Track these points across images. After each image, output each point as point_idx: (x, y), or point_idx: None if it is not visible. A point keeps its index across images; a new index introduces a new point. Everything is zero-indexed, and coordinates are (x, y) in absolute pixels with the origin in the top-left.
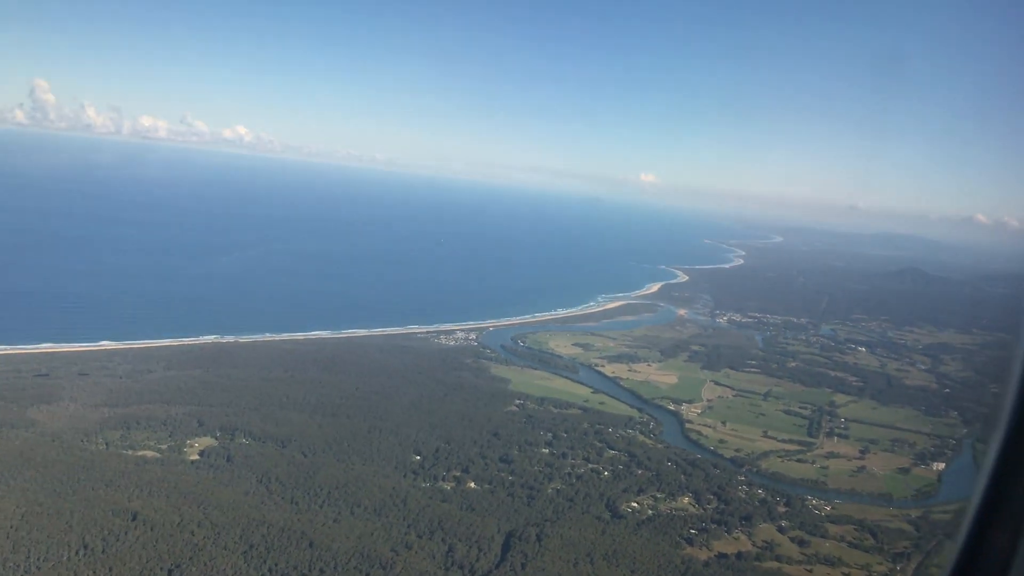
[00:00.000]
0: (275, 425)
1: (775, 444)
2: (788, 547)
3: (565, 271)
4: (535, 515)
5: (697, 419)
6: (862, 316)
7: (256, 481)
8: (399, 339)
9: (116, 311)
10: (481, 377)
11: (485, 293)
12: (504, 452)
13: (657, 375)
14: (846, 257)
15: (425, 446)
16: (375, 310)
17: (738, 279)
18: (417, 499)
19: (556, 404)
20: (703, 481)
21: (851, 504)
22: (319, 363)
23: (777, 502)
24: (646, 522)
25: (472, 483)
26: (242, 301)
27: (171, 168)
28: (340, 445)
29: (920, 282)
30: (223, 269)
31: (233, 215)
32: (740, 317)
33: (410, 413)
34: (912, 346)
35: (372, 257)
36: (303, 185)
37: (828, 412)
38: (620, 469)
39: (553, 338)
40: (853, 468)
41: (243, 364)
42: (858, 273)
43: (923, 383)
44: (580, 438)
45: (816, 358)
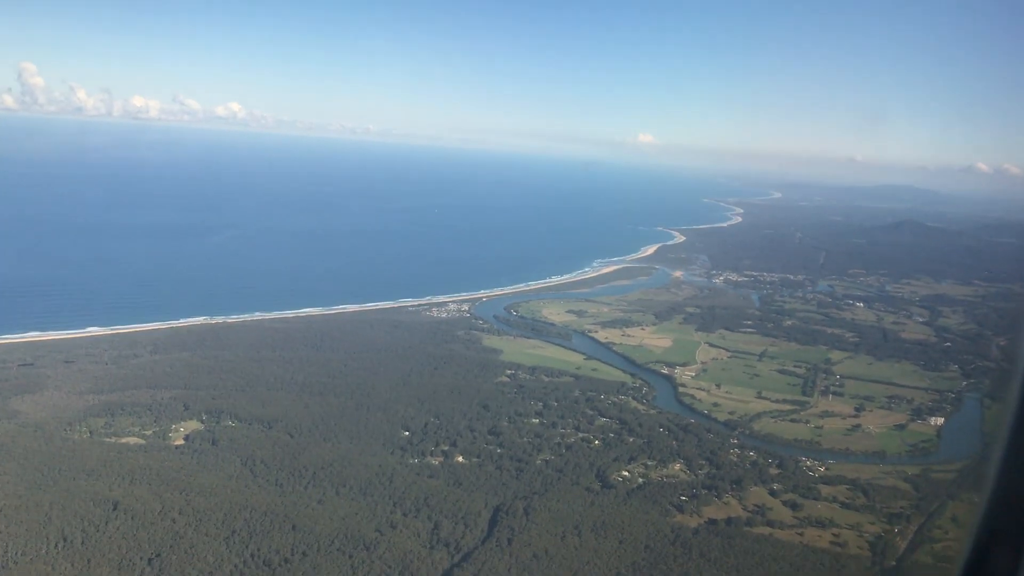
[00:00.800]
0: (261, 406)
1: (769, 405)
2: (780, 510)
3: (560, 237)
4: (523, 488)
5: (691, 382)
6: (860, 271)
7: (240, 464)
8: (391, 314)
9: (103, 296)
10: (472, 348)
11: (479, 263)
12: (493, 424)
13: (651, 339)
14: (844, 211)
15: (414, 421)
16: (367, 285)
17: (736, 238)
18: (404, 476)
19: (548, 373)
20: (695, 446)
21: (845, 464)
22: (308, 341)
23: (769, 464)
24: (636, 491)
25: (460, 457)
26: (232, 281)
27: (162, 148)
28: (327, 424)
29: (918, 234)
30: (213, 249)
31: (224, 194)
32: (737, 277)
33: (399, 389)
34: (910, 299)
35: (365, 231)
36: (296, 160)
37: (823, 370)
38: (611, 437)
39: (547, 306)
40: (848, 427)
41: (231, 345)
42: (856, 227)
43: (921, 337)
44: (571, 406)
45: (813, 315)
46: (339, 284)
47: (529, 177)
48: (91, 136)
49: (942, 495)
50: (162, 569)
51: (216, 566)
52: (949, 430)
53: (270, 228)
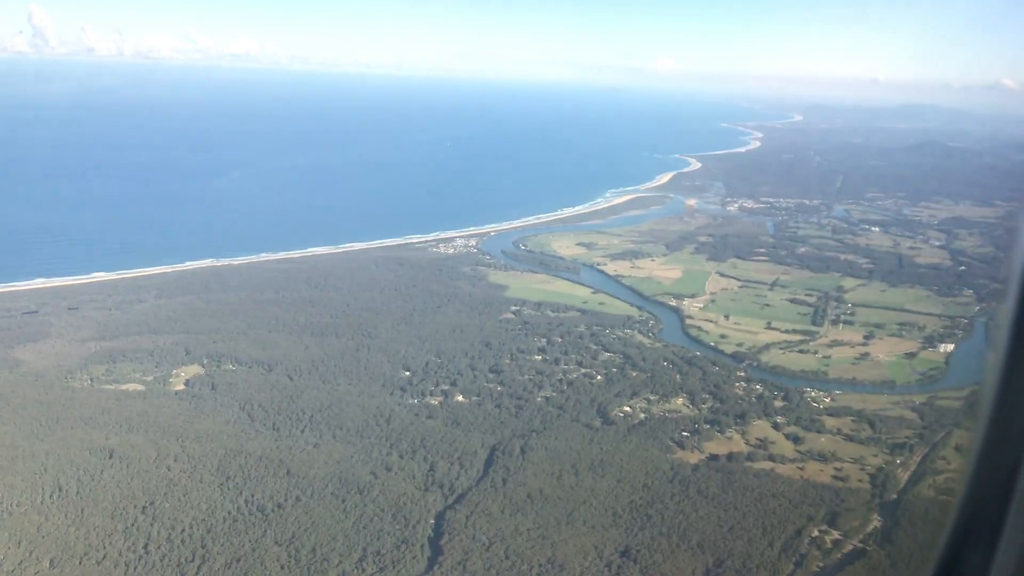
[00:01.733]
0: (262, 349)
1: (778, 336)
2: (782, 444)
3: (574, 167)
4: (522, 426)
5: (699, 314)
6: (878, 194)
7: (239, 409)
8: (397, 251)
9: (109, 240)
10: (478, 285)
11: (489, 196)
12: (495, 362)
13: (661, 270)
14: (865, 132)
15: (414, 361)
16: (374, 222)
17: (753, 163)
18: (401, 417)
19: (554, 308)
20: (699, 380)
21: (852, 395)
22: (312, 281)
23: (775, 397)
24: (637, 427)
25: (460, 396)
26: (239, 221)
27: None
28: (326, 366)
29: (939, 155)
30: (221, 189)
31: (235, 132)
32: (752, 203)
33: (400, 328)
34: (927, 222)
35: (375, 166)
36: (308, 96)
37: (835, 298)
38: (614, 372)
39: (556, 239)
40: (856, 356)
41: (235, 287)
42: (876, 149)
43: (936, 261)
44: (575, 342)
45: (827, 242)
46: (346, 222)
47: (547, 106)
48: (102, 77)
49: (947, 423)
50: (155, 517)
51: (209, 513)
52: (958, 356)
53: (280, 167)
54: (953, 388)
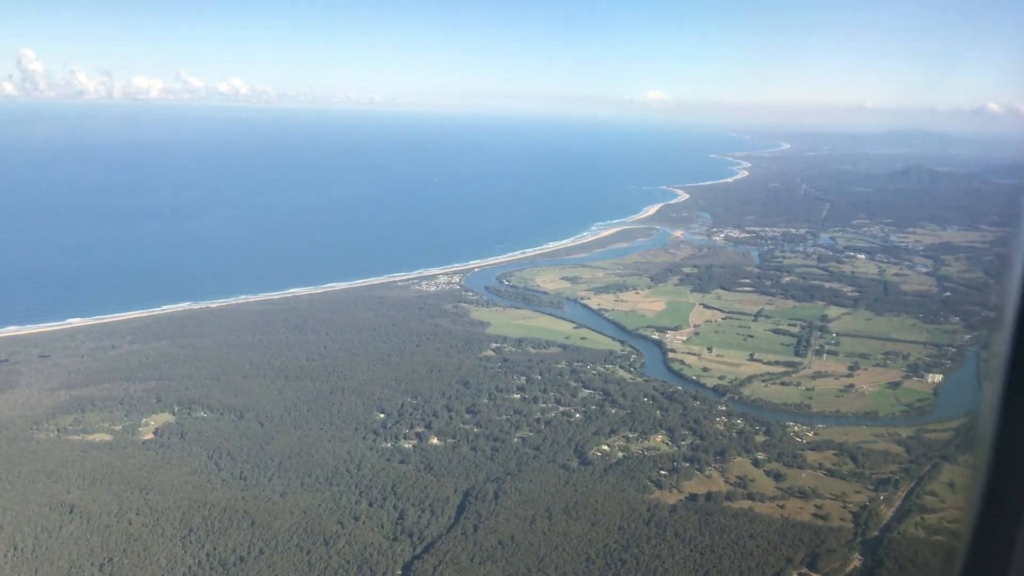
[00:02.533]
0: (234, 395)
1: (761, 368)
2: (762, 482)
3: (560, 201)
4: (497, 469)
5: (681, 347)
6: (864, 220)
7: (207, 458)
8: (379, 289)
9: (88, 285)
10: (459, 323)
11: (475, 232)
12: (472, 402)
13: (645, 303)
14: (852, 159)
15: (389, 403)
16: (358, 261)
17: (740, 193)
18: (373, 463)
19: (535, 344)
20: (679, 416)
21: (835, 428)
22: (290, 323)
23: (756, 432)
24: (614, 466)
25: (435, 439)
26: (220, 263)
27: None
28: (299, 411)
29: (926, 180)
30: (205, 230)
31: (221, 172)
32: (738, 233)
33: (376, 369)
34: (914, 248)
35: (362, 203)
36: (298, 134)
37: (819, 328)
38: (593, 410)
39: (540, 274)
40: (840, 387)
41: (211, 331)
42: (863, 175)
43: (923, 288)
44: (555, 379)
45: (812, 270)
46: (329, 261)
47: (536, 140)
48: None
49: (936, 457)
50: (113, 574)
51: (169, 568)
52: (948, 387)
53: (266, 205)
54: (942, 420)
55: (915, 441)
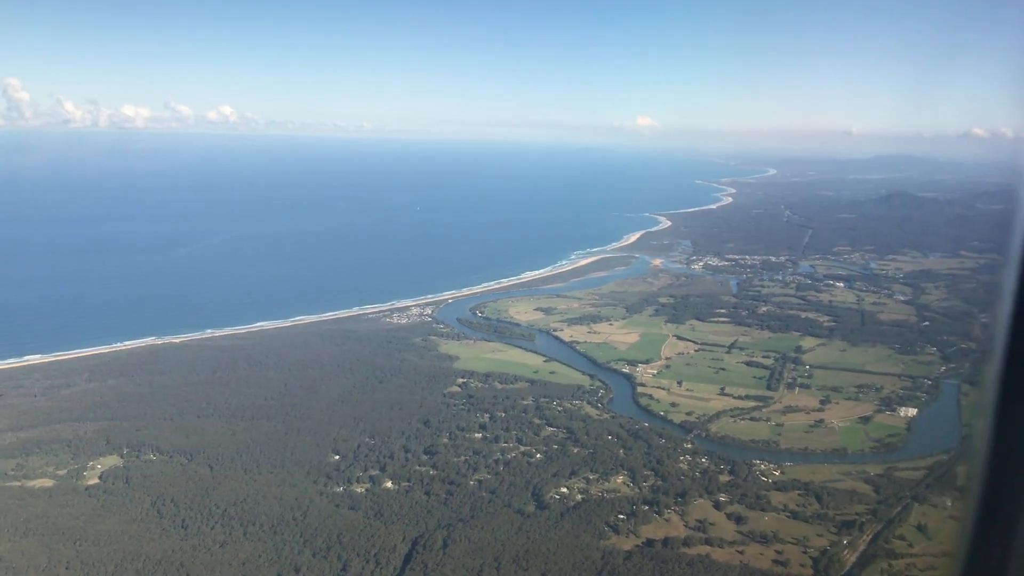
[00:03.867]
0: (186, 436)
1: (730, 402)
2: (723, 525)
3: (542, 229)
4: (450, 515)
5: (651, 381)
6: (845, 248)
7: (149, 504)
8: (348, 323)
9: (51, 320)
10: (426, 357)
11: (453, 261)
12: (431, 442)
13: (618, 335)
14: (837, 185)
15: (346, 444)
16: (331, 292)
17: (723, 220)
18: (321, 509)
19: (502, 379)
20: (643, 455)
21: (803, 466)
22: (253, 359)
23: (721, 471)
24: (572, 510)
25: (389, 482)
26: (190, 296)
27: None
28: (251, 453)
29: (909, 206)
30: (179, 262)
31: (204, 202)
32: (718, 261)
33: (336, 407)
34: (893, 276)
35: (342, 232)
36: (285, 162)
37: (792, 360)
38: (555, 449)
39: (515, 304)
40: (810, 422)
41: (171, 368)
42: (847, 201)
43: (900, 317)
44: (519, 417)
45: (790, 299)
46: (301, 293)
47: (523, 168)
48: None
49: (906, 497)
50: None
51: None
52: (921, 421)
53: (246, 236)
54: (914, 457)
55: (884, 480)
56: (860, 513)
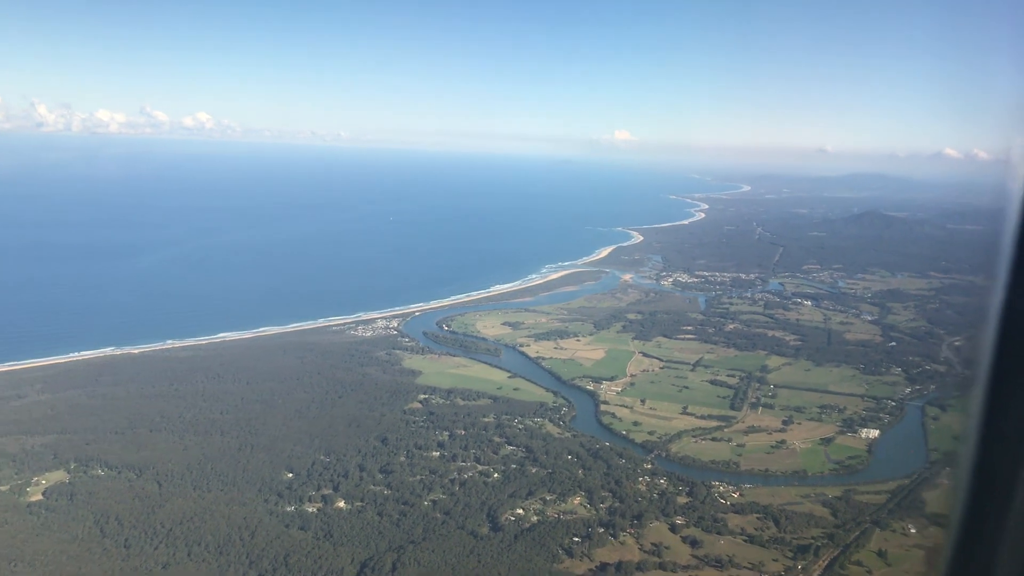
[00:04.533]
0: (137, 451)
1: (693, 422)
2: (678, 549)
3: (514, 242)
4: (401, 536)
5: (615, 399)
6: (815, 266)
7: (92, 522)
8: (312, 335)
9: (5, 328)
10: (389, 371)
11: (423, 273)
12: (388, 461)
13: (584, 351)
14: (811, 202)
15: (300, 461)
16: (297, 303)
17: (694, 236)
18: (269, 529)
19: (465, 395)
20: (602, 475)
21: (762, 488)
22: (211, 371)
23: (679, 492)
24: (526, 532)
25: (342, 502)
26: (152, 305)
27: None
28: (202, 469)
29: (880, 225)
30: (143, 270)
31: (174, 208)
32: (687, 278)
33: (292, 423)
34: (861, 295)
35: (312, 242)
36: (260, 170)
37: (757, 379)
38: (513, 469)
39: (482, 318)
40: (772, 443)
41: (127, 380)
42: (819, 219)
43: (867, 337)
44: (478, 435)
45: (757, 317)
46: (266, 304)
47: (500, 179)
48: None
49: (865, 521)
50: None
51: None
52: (884, 443)
53: (214, 244)
54: (874, 480)
55: (842, 503)
56: (816, 537)
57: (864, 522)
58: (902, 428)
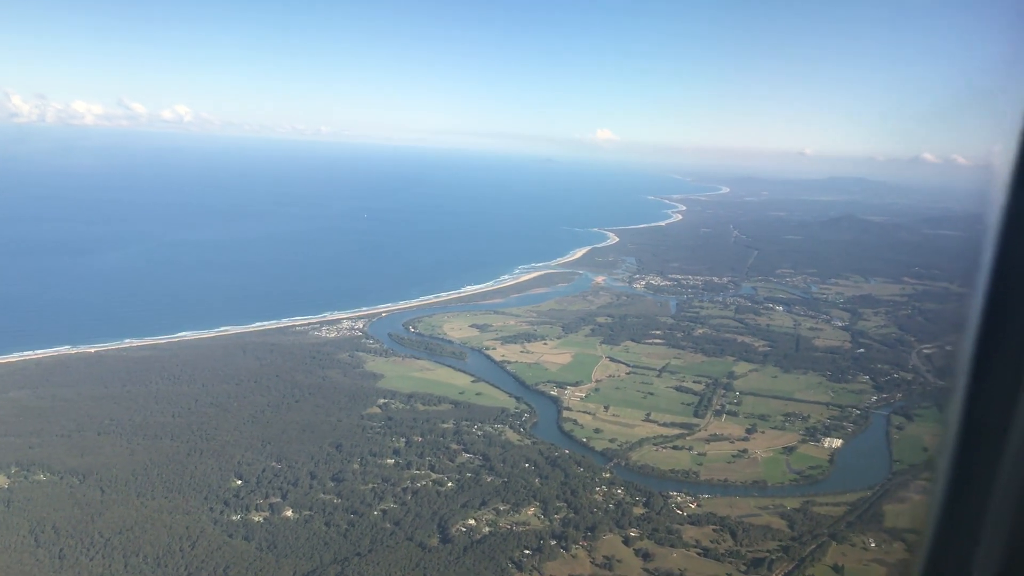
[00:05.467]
0: (81, 455)
1: (655, 429)
2: (630, 563)
3: (489, 242)
4: (348, 548)
5: (578, 405)
6: (788, 270)
7: (27, 531)
8: (274, 335)
9: None
10: (350, 374)
11: (394, 273)
12: (340, 468)
13: (551, 355)
14: (789, 205)
15: (250, 468)
16: (263, 302)
17: (670, 238)
18: (211, 540)
19: (425, 400)
20: (559, 485)
21: (721, 498)
22: (167, 372)
23: (636, 503)
24: (476, 545)
25: (289, 511)
26: (114, 303)
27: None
28: (147, 475)
29: (856, 229)
30: (107, 267)
31: (145, 203)
32: (660, 280)
33: (245, 428)
34: (833, 300)
35: (283, 239)
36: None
37: (723, 386)
38: (468, 478)
39: (450, 320)
40: (734, 452)
41: (79, 381)
42: (796, 223)
43: (836, 343)
44: (436, 441)
45: (727, 322)
46: (230, 303)
47: (480, 177)
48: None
49: (823, 535)
50: None
51: None
52: (846, 452)
53: (183, 240)
54: (834, 491)
55: (800, 515)
56: (771, 551)
57: (821, 535)
58: (866, 437)
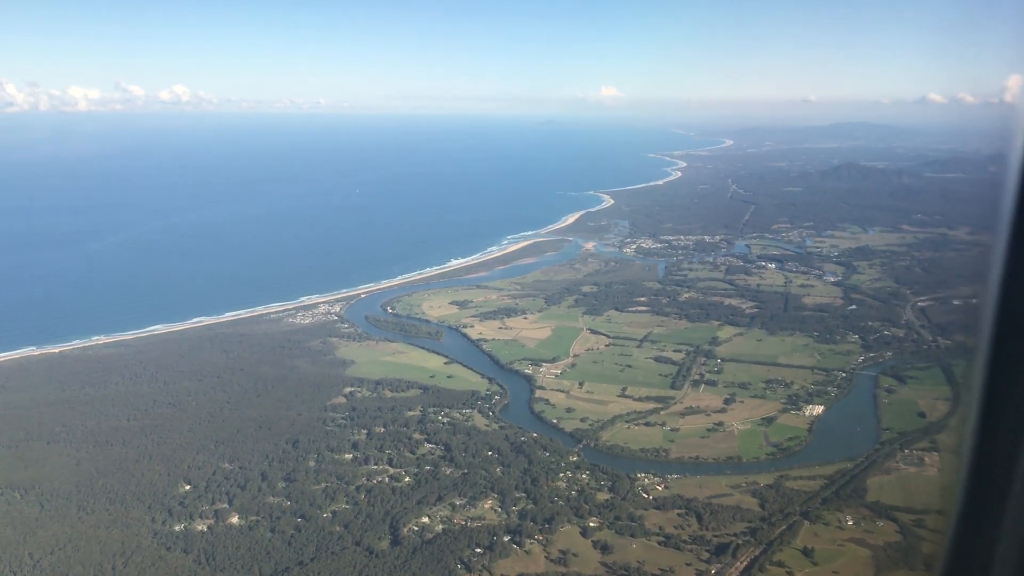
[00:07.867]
0: (25, 467)
1: (630, 405)
2: (587, 556)
3: (480, 211)
4: (291, 556)
5: (552, 383)
6: (785, 224)
7: None
8: (246, 324)
9: None
10: (319, 363)
11: (379, 250)
12: (294, 467)
13: (530, 330)
14: (791, 155)
15: (200, 472)
16: (240, 289)
17: (666, 197)
18: (147, 554)
19: (394, 386)
20: (521, 473)
21: (690, 478)
22: (129, 371)
23: (600, 488)
24: (426, 545)
25: (235, 517)
26: (87, 297)
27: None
28: (92, 486)
29: (856, 177)
30: (86, 258)
31: (133, 188)
32: (651, 243)
33: (199, 428)
34: (828, 255)
35: (271, 219)
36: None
37: (705, 353)
38: (426, 471)
39: (430, 298)
40: (708, 426)
41: (36, 384)
42: (797, 173)
43: (826, 300)
44: (398, 432)
45: (716, 284)
46: (207, 291)
47: (479, 143)
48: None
49: (794, 514)
50: None
51: None
52: (828, 420)
53: (166, 226)
54: (810, 464)
55: (773, 492)
56: (739, 534)
57: (792, 515)
58: (851, 402)
